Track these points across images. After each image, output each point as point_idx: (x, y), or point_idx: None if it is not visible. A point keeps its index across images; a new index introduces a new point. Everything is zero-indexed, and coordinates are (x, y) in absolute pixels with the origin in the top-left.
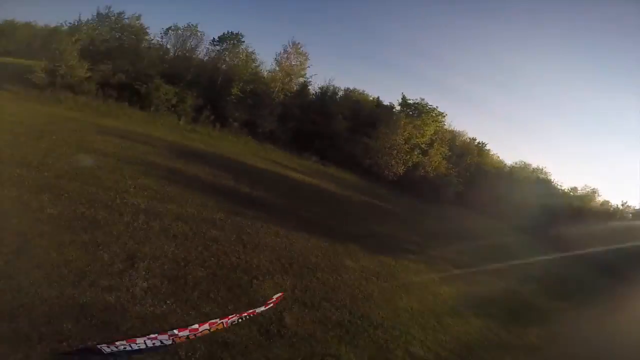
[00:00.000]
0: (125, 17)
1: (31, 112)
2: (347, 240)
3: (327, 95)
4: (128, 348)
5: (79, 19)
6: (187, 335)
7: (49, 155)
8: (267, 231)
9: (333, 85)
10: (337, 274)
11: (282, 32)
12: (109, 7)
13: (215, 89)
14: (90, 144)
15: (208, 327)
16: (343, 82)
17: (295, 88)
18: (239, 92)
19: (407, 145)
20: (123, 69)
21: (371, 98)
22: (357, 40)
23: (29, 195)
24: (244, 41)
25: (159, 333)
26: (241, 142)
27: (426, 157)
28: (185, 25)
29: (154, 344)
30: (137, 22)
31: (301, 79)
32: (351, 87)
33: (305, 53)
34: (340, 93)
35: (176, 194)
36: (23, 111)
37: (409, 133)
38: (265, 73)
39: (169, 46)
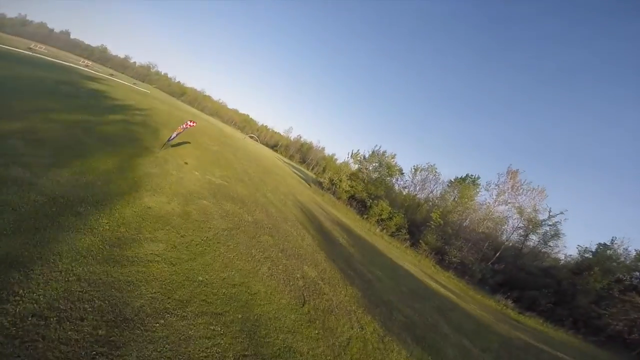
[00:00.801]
0: (386, 155)
1: (310, 195)
2: None
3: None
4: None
5: (355, 151)
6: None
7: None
8: None
9: (622, 247)
10: None
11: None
12: (379, 146)
13: (418, 214)
14: (311, 207)
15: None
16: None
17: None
18: (439, 220)
19: None
20: (369, 191)
21: None
22: None
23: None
24: (479, 183)
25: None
26: (418, 258)
27: None
28: (426, 165)
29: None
30: (391, 159)
31: (547, 228)
32: None
33: (539, 189)
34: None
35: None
36: (308, 192)
37: None
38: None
39: (410, 181)
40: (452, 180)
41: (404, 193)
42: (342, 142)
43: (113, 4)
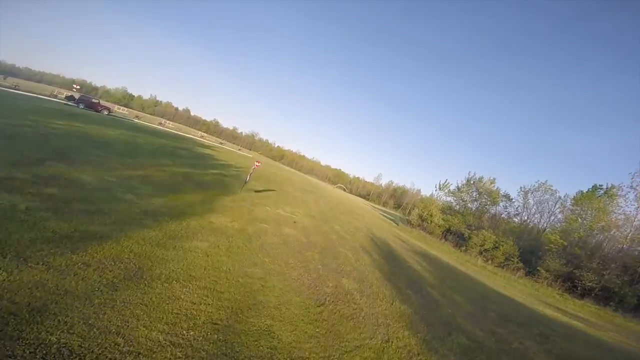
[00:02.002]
0: (484, 181)
1: (393, 231)
2: None
3: None
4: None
5: (443, 183)
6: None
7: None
8: None
9: None
10: None
11: None
12: (474, 173)
13: (537, 242)
14: (387, 239)
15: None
16: None
17: None
18: (561, 241)
19: None
20: (468, 223)
21: None
22: None
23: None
24: (616, 193)
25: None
26: (536, 287)
27: None
28: (536, 184)
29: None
30: (491, 185)
31: None
32: None
33: None
34: None
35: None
36: (391, 229)
37: None
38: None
39: (522, 207)
40: (575, 196)
41: (516, 221)
42: (438, 177)
43: (217, 83)
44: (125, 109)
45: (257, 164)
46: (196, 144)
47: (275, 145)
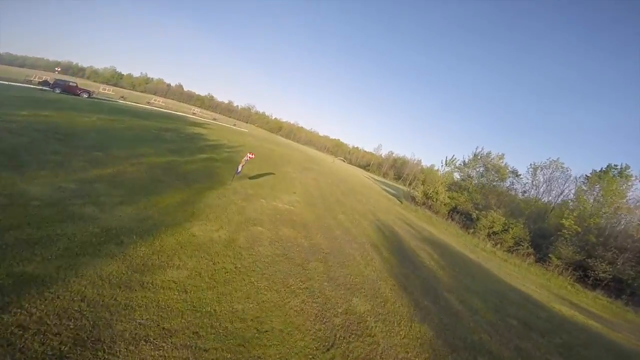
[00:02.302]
0: (491, 157)
1: (398, 212)
2: None
3: None
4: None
5: (450, 159)
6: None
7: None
8: None
9: None
10: None
11: None
12: (482, 148)
13: (546, 222)
14: (394, 225)
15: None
16: None
17: None
18: (575, 227)
19: None
20: (475, 201)
21: None
22: None
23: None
24: (630, 174)
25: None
26: (547, 277)
27: None
28: (547, 161)
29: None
30: (499, 161)
31: None
32: None
33: None
34: None
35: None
36: (396, 209)
37: None
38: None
39: (530, 184)
40: (589, 175)
41: (521, 197)
42: (439, 149)
43: (213, 55)
44: (112, 89)
45: (250, 155)
46: (186, 122)
47: (273, 117)
